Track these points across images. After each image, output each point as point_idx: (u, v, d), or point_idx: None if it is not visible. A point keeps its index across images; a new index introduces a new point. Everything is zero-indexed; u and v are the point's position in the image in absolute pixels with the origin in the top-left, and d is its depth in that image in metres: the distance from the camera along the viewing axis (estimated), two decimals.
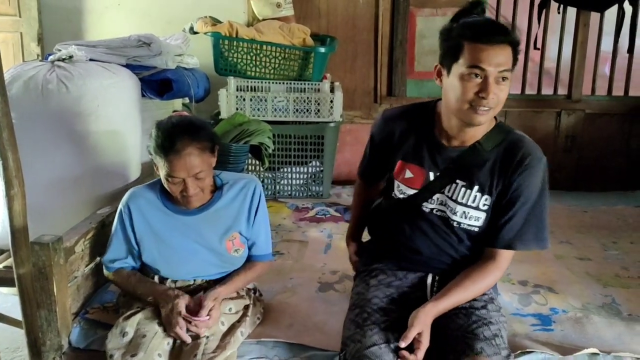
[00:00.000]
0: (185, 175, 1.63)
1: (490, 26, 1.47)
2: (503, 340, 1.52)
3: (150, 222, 1.76)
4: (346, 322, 1.61)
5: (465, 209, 1.59)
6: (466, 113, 1.48)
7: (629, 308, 1.95)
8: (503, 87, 1.46)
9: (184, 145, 1.61)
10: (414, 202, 1.64)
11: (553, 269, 2.23)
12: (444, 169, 1.60)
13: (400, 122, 1.67)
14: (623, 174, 3.41)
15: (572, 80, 3.44)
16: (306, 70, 3.11)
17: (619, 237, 2.58)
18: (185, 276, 1.79)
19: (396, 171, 1.67)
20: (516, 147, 1.55)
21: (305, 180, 3.14)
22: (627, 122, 3.42)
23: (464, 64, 1.45)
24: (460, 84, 1.46)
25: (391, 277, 1.70)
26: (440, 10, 3.37)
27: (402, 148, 1.65)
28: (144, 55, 2.52)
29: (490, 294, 1.65)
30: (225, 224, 1.78)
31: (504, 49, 1.44)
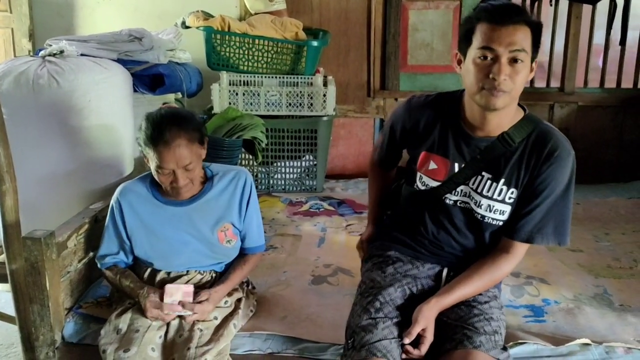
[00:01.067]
0: (175, 167, 1.63)
1: (503, 7, 1.43)
2: (501, 338, 1.52)
3: (141, 216, 1.77)
4: (356, 307, 1.57)
5: (490, 202, 1.55)
6: (482, 97, 1.44)
7: (621, 298, 1.96)
8: (518, 69, 1.41)
9: (173, 137, 1.61)
10: (436, 193, 1.60)
11: (545, 261, 2.24)
12: (470, 160, 1.55)
13: (426, 111, 1.62)
14: (616, 166, 3.43)
15: (564, 72, 3.44)
16: (299, 64, 3.11)
17: (611, 229, 2.60)
18: (178, 267, 1.79)
19: (420, 163, 1.62)
20: (545, 139, 1.51)
21: (299, 175, 3.14)
22: (619, 114, 3.43)
23: (476, 46, 1.43)
24: (473, 67, 1.44)
25: (407, 264, 1.66)
26: (432, 3, 3.37)
27: (427, 139, 1.60)
28: (136, 50, 2.51)
29: (494, 291, 1.64)
30: (216, 214, 1.78)
31: (517, 29, 1.40)
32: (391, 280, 1.60)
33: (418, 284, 1.62)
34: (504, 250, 1.57)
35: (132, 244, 1.79)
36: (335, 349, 1.68)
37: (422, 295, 1.59)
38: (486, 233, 1.59)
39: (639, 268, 2.20)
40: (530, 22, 1.43)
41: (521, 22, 1.41)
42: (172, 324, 1.66)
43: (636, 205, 2.89)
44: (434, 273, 1.65)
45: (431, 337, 1.47)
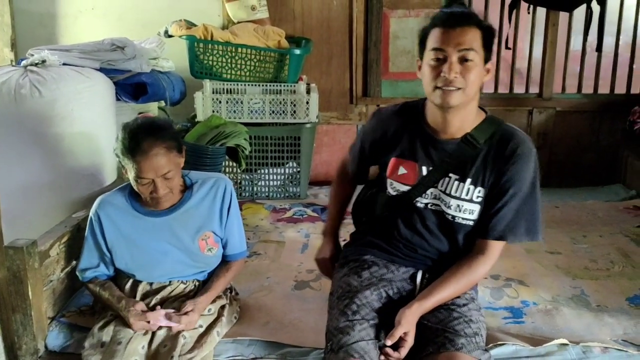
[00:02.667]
0: (154, 176, 1.64)
1: (454, 13, 1.51)
2: (482, 339, 1.55)
3: (120, 228, 1.77)
4: (334, 311, 1.59)
5: (459, 202, 1.59)
6: (437, 96, 1.51)
7: (597, 299, 2.01)
8: (469, 67, 1.48)
9: (150, 146, 1.62)
10: (407, 198, 1.64)
11: (524, 263, 2.28)
12: (437, 163, 1.60)
13: (393, 120, 1.68)
14: (593, 170, 3.49)
15: (543, 79, 3.51)
16: (282, 72, 3.14)
17: (589, 231, 2.64)
18: (160, 278, 1.80)
19: (390, 170, 1.66)
20: (508, 139, 1.56)
21: (283, 182, 3.16)
22: (596, 119, 3.50)
23: (429, 49, 1.51)
24: (427, 69, 1.51)
25: (383, 269, 1.68)
26: (413, 11, 3.42)
27: (396, 146, 1.65)
28: (118, 59, 2.52)
29: (471, 293, 1.67)
30: (196, 223, 1.79)
31: (466, 31, 1.48)
32: (367, 285, 1.62)
33: (394, 287, 1.65)
34: (479, 252, 1.60)
35: (112, 256, 1.79)
36: (318, 353, 1.70)
37: (399, 298, 1.62)
38: (459, 235, 1.63)
39: (615, 269, 2.24)
40: (480, 25, 1.51)
41: (471, 24, 1.50)
42: (157, 334, 1.65)
43: (613, 208, 2.95)
44: (409, 276, 1.68)
45: (412, 341, 1.50)
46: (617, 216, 2.85)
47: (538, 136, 3.51)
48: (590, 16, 3.32)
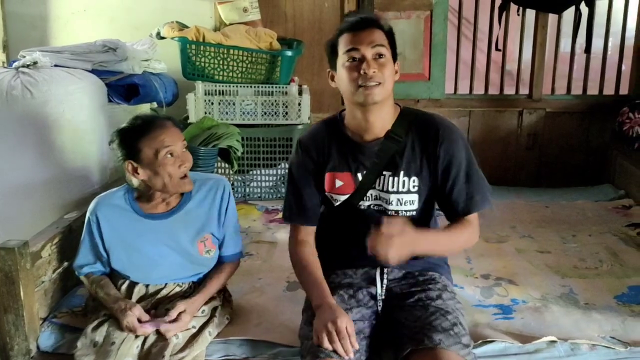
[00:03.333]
0: (177, 145, 1.68)
1: (358, 18, 1.61)
2: (462, 327, 1.57)
3: (118, 229, 1.77)
4: (301, 323, 1.65)
5: (398, 196, 1.65)
6: (360, 94, 1.57)
7: (586, 297, 2.03)
8: (384, 63, 1.58)
9: (163, 121, 1.69)
10: (350, 204, 1.70)
11: (514, 262, 2.30)
12: (369, 166, 1.66)
13: (316, 141, 1.72)
14: (583, 170, 3.52)
15: (532, 80, 3.53)
16: (274, 74, 3.15)
17: (578, 231, 2.67)
18: (156, 280, 1.80)
19: (327, 185, 1.71)
20: (426, 124, 1.66)
21: (275, 182, 3.17)
22: (586, 120, 3.53)
23: (342, 53, 1.58)
24: (345, 72, 1.58)
25: (341, 276, 1.74)
26: (404, 13, 3.44)
27: (327, 162, 1.70)
28: (110, 60, 2.53)
29: (442, 281, 1.71)
30: (196, 226, 1.80)
31: (373, 31, 1.59)
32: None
33: (354, 287, 1.69)
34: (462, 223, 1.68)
35: (109, 257, 1.79)
36: None
37: (360, 293, 1.67)
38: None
39: (603, 268, 2.27)
40: (382, 27, 1.62)
41: (375, 26, 1.60)
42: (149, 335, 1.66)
43: (602, 208, 2.98)
44: (369, 276, 1.73)
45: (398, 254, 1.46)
46: (606, 216, 2.88)
47: (528, 137, 3.55)
48: (579, 18, 3.36)
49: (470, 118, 3.55)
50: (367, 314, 1.64)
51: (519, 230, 2.67)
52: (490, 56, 3.55)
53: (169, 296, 1.79)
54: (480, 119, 3.54)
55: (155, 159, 1.66)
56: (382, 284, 1.71)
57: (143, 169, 1.69)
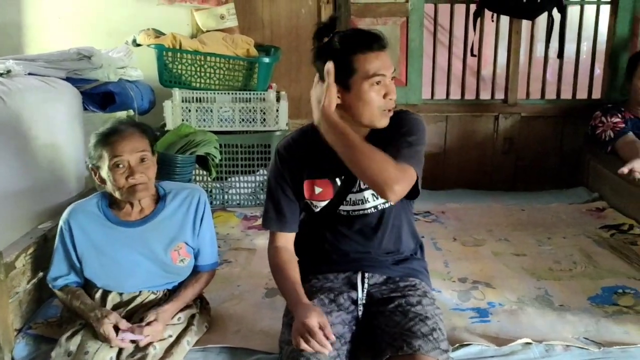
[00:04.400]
0: (129, 155, 1.64)
1: (369, 35, 1.58)
2: (441, 333, 1.58)
3: (91, 237, 1.75)
4: (282, 327, 1.66)
5: (372, 191, 1.66)
6: (379, 118, 1.60)
7: (560, 299, 2.06)
8: (394, 86, 1.60)
9: (126, 128, 1.67)
10: (331, 209, 1.72)
11: (491, 266, 2.33)
12: (347, 170, 1.62)
13: (293, 149, 1.73)
14: (557, 173, 3.57)
15: (507, 85, 3.59)
16: (251, 80, 3.15)
17: (553, 233, 2.70)
18: (130, 289, 1.78)
19: (306, 193, 1.72)
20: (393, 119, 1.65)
21: (254, 189, 3.17)
22: (559, 124, 3.59)
23: (365, 75, 1.55)
24: (370, 94, 1.56)
25: (322, 280, 1.76)
26: (380, 19, 3.47)
27: (304, 169, 1.71)
28: (85, 68, 2.51)
29: (423, 287, 1.73)
30: (169, 234, 1.79)
31: (385, 52, 1.59)
32: (308, 295, 1.65)
33: (335, 291, 1.70)
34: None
35: (82, 265, 1.77)
36: None
37: (341, 297, 1.68)
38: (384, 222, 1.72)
39: (577, 270, 2.30)
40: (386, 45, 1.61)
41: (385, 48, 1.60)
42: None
43: (576, 210, 3.02)
44: (349, 280, 1.74)
45: None
46: (580, 218, 2.92)
47: (504, 141, 3.59)
48: (552, 24, 3.42)
49: (447, 123, 3.59)
50: (347, 318, 1.65)
51: (496, 234, 2.70)
52: (466, 62, 3.59)
53: (143, 304, 1.77)
54: (457, 123, 3.58)
55: (107, 167, 1.66)
56: (363, 288, 1.72)
57: (101, 175, 1.70)
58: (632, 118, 3.05)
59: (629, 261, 2.36)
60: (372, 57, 1.56)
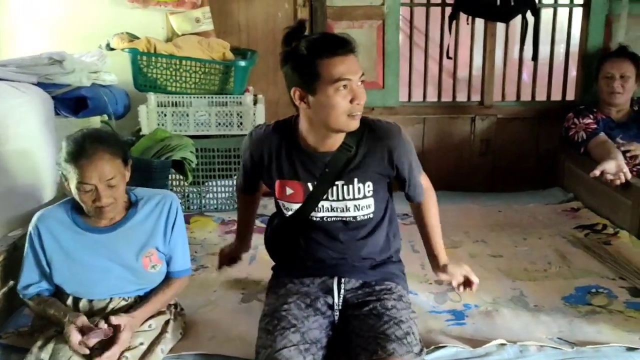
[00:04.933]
0: (97, 181, 1.61)
1: (335, 40, 1.58)
2: (415, 337, 1.59)
3: (61, 243, 1.73)
4: (258, 332, 1.65)
5: (355, 202, 1.70)
6: (346, 123, 1.60)
7: (535, 299, 2.08)
8: (363, 90, 1.61)
9: (94, 150, 1.60)
10: (302, 215, 1.72)
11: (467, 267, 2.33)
12: (320, 176, 1.68)
13: (267, 142, 1.73)
14: (534, 174, 3.60)
15: (483, 87, 3.61)
16: (227, 84, 3.13)
17: (529, 234, 2.73)
18: (100, 295, 1.76)
19: (278, 192, 1.75)
20: (374, 130, 1.70)
21: (231, 193, 3.15)
22: (535, 126, 3.62)
23: (330, 79, 1.54)
24: (335, 99, 1.56)
25: (298, 285, 1.76)
26: (357, 22, 3.47)
27: (276, 167, 1.72)
28: (57, 73, 2.48)
29: (398, 291, 1.74)
30: (140, 240, 1.76)
31: (353, 57, 1.59)
32: (284, 298, 1.69)
33: (312, 296, 1.71)
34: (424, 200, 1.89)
35: (51, 271, 1.74)
36: None
37: (318, 302, 1.70)
38: (361, 232, 1.74)
39: (552, 270, 2.33)
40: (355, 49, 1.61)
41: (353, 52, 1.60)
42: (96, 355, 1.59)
43: (552, 211, 3.06)
44: (326, 285, 1.76)
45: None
46: (555, 218, 2.96)
47: (481, 143, 3.62)
48: (526, 27, 3.45)
49: (424, 125, 3.60)
50: (324, 323, 1.65)
51: (472, 235, 2.72)
52: (442, 64, 3.61)
53: (114, 311, 1.74)
54: (435, 125, 3.60)
55: (75, 186, 1.63)
56: (339, 294, 1.73)
57: (71, 189, 1.67)
58: (603, 118, 3.09)
59: (602, 261, 2.39)
60: (337, 61, 1.55)
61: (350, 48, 1.58)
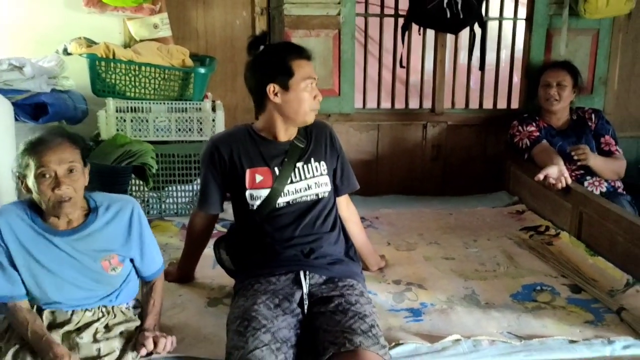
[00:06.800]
0: (57, 165, 1.60)
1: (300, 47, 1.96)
2: (379, 329, 1.71)
3: (21, 240, 1.69)
4: (229, 334, 1.72)
5: (315, 180, 2.00)
6: (309, 115, 1.95)
7: (486, 297, 2.22)
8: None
9: (54, 138, 1.64)
10: (270, 200, 1.93)
11: (422, 269, 2.46)
12: (284, 161, 1.96)
13: (229, 141, 1.99)
14: (482, 179, 3.76)
15: (434, 95, 3.77)
16: (187, 90, 3.17)
17: (479, 236, 2.88)
18: (62, 301, 1.73)
19: (248, 182, 1.95)
20: (317, 125, 2.06)
21: (191, 198, 3.18)
22: (482, 132, 3.80)
23: (301, 77, 1.88)
24: (304, 94, 1.90)
25: (265, 284, 1.85)
26: (313, 31, 3.55)
27: (244, 158, 1.96)
28: (16, 79, 2.47)
29: (360, 287, 1.88)
30: (99, 246, 1.75)
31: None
32: (253, 299, 1.78)
33: (279, 295, 1.81)
34: (347, 207, 2.23)
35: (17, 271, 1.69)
36: None
37: (287, 299, 1.80)
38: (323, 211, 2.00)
39: (501, 270, 2.47)
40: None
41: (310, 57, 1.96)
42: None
43: (499, 214, 3.23)
44: (292, 281, 1.87)
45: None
46: (502, 221, 3.12)
47: (432, 148, 3.77)
48: (474, 38, 3.63)
49: (378, 131, 3.72)
50: (292, 322, 1.73)
51: (426, 238, 2.85)
52: (396, 73, 3.75)
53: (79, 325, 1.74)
54: (388, 132, 3.72)
55: (34, 176, 1.62)
56: (306, 286, 1.86)
57: (29, 185, 1.65)
58: (545, 127, 3.28)
59: (545, 260, 2.56)
60: (304, 63, 1.91)
61: (311, 55, 1.96)
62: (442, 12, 3.42)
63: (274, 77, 1.88)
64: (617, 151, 3.21)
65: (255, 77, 1.94)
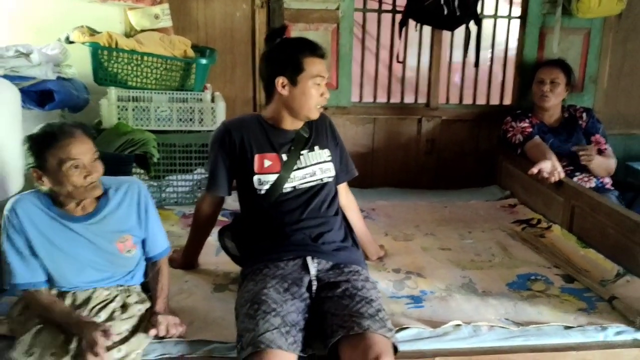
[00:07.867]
0: (84, 155, 1.69)
1: (316, 44, 2.00)
2: (385, 313, 1.78)
3: (39, 226, 1.74)
4: (240, 317, 1.77)
5: (320, 166, 2.09)
6: (314, 112, 2.03)
7: (482, 286, 2.30)
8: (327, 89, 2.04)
9: (74, 131, 1.70)
10: (278, 186, 2.00)
11: (421, 258, 2.54)
12: (291, 148, 2.05)
13: (241, 126, 2.07)
14: (475, 173, 3.85)
15: (429, 90, 3.84)
16: (187, 81, 3.20)
17: (473, 228, 2.96)
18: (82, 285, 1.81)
19: (257, 166, 2.02)
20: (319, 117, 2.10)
21: (191, 188, 3.22)
22: (475, 127, 3.88)
23: (311, 74, 1.95)
24: (312, 91, 1.97)
25: (274, 269, 1.91)
26: (312, 25, 3.60)
27: (255, 145, 2.03)
28: (23, 65, 2.48)
29: (364, 273, 1.97)
30: (114, 228, 1.83)
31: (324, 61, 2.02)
32: (262, 283, 1.83)
33: (288, 279, 1.87)
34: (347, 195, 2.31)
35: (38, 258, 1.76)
36: None
37: (295, 283, 1.86)
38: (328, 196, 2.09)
39: (496, 260, 2.56)
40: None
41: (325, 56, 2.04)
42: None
43: (492, 207, 3.31)
44: (300, 265, 1.93)
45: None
46: (495, 214, 3.21)
47: (427, 142, 3.84)
48: (469, 35, 3.70)
49: (374, 125, 3.79)
50: (300, 306, 1.79)
51: (423, 229, 2.92)
52: (392, 68, 3.81)
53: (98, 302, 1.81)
54: (384, 125, 3.79)
55: (60, 169, 1.67)
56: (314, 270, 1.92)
57: (48, 177, 1.70)
58: (537, 123, 3.37)
59: (538, 252, 2.65)
60: (317, 61, 1.98)
61: (325, 53, 2.03)
62: (439, 8, 3.49)
63: (284, 70, 1.96)
64: (607, 149, 3.31)
65: (267, 68, 2.02)
